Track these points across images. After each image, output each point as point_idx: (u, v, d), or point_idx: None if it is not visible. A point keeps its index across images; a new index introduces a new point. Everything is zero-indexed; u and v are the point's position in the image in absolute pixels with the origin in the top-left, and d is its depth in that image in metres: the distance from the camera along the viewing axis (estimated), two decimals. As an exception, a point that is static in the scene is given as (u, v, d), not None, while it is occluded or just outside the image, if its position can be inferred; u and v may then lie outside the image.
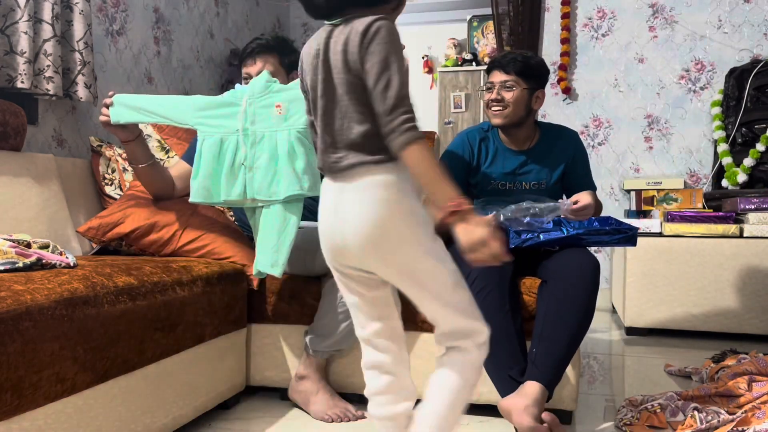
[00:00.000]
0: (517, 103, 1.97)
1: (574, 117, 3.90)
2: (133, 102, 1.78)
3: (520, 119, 1.99)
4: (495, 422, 1.79)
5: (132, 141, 1.84)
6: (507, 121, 1.99)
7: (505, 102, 1.97)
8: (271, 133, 1.73)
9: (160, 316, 1.50)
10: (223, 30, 3.64)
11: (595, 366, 2.47)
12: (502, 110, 1.97)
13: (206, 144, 1.74)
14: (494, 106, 1.98)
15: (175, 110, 1.78)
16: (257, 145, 1.73)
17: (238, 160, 1.73)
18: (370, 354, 1.27)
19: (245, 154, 1.73)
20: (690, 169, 3.74)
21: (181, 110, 1.78)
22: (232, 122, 1.74)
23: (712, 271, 2.94)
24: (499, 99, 1.97)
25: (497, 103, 1.97)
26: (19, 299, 1.13)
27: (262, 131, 1.73)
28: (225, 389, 1.84)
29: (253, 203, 1.76)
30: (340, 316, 1.80)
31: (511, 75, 1.97)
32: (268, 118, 1.74)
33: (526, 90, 1.98)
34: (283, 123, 1.73)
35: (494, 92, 1.98)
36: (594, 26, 3.88)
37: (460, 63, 5.38)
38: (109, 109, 1.78)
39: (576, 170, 2.05)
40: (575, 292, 1.67)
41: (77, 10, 2.29)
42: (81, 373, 1.25)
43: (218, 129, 1.75)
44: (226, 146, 1.74)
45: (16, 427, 1.12)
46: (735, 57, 3.65)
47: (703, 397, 1.86)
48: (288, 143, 1.71)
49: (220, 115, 1.76)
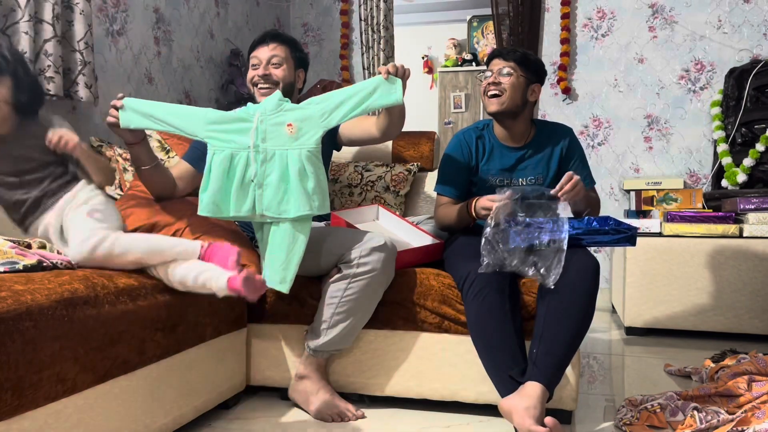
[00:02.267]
0: (514, 88, 1.98)
1: (574, 117, 3.90)
2: (144, 108, 1.77)
3: (516, 108, 2.00)
4: (495, 422, 1.79)
5: (137, 144, 1.84)
6: (503, 108, 1.98)
7: (502, 86, 1.98)
8: (282, 152, 1.73)
9: (161, 317, 1.50)
10: (223, 30, 3.64)
11: (594, 366, 2.47)
12: (499, 96, 1.98)
13: (216, 159, 1.73)
14: (491, 90, 1.99)
15: (186, 121, 1.76)
16: (267, 163, 1.73)
17: (248, 176, 1.73)
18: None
19: (255, 170, 1.72)
20: (690, 169, 3.74)
21: (192, 122, 1.76)
22: (243, 138, 1.74)
23: (711, 271, 2.94)
24: (497, 83, 1.98)
25: (495, 86, 1.98)
26: (19, 299, 1.14)
27: (273, 149, 1.73)
28: (225, 389, 1.84)
29: (262, 219, 1.76)
30: (340, 316, 1.80)
31: (510, 62, 2.00)
32: (280, 136, 1.74)
33: (524, 78, 1.99)
34: (294, 142, 1.73)
35: (492, 77, 2.00)
36: (594, 26, 3.88)
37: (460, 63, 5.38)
38: (118, 111, 1.78)
39: (573, 164, 2.06)
40: (575, 292, 1.67)
41: (78, 11, 2.29)
42: (81, 373, 1.25)
43: (229, 144, 1.74)
44: (236, 162, 1.73)
45: (16, 427, 1.12)
46: (735, 57, 3.65)
47: (703, 397, 1.86)
48: (299, 162, 1.72)
49: (231, 130, 1.75)
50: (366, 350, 1.91)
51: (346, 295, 1.78)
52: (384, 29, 4.12)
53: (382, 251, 1.79)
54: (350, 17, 4.34)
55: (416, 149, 2.68)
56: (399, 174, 2.55)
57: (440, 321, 1.85)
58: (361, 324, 1.85)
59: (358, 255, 1.77)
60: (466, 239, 1.95)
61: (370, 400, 1.93)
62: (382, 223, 2.20)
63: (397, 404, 1.92)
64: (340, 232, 1.89)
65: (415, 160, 2.67)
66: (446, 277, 1.87)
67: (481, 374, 1.75)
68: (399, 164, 2.61)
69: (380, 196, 2.51)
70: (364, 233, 1.86)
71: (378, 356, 1.90)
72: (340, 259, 1.81)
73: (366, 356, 1.91)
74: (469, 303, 1.73)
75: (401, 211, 2.53)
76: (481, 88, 2.04)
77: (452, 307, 1.83)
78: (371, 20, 4.13)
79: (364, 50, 4.15)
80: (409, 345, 1.89)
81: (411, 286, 1.87)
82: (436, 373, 1.87)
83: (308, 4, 4.42)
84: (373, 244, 1.78)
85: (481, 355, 1.71)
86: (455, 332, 1.84)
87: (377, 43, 4.12)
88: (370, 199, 2.52)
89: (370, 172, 2.56)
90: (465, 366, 1.84)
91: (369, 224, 2.18)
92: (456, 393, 1.86)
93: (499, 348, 1.67)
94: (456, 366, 1.85)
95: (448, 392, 1.86)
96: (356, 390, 1.93)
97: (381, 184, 2.53)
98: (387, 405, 1.92)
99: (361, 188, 2.54)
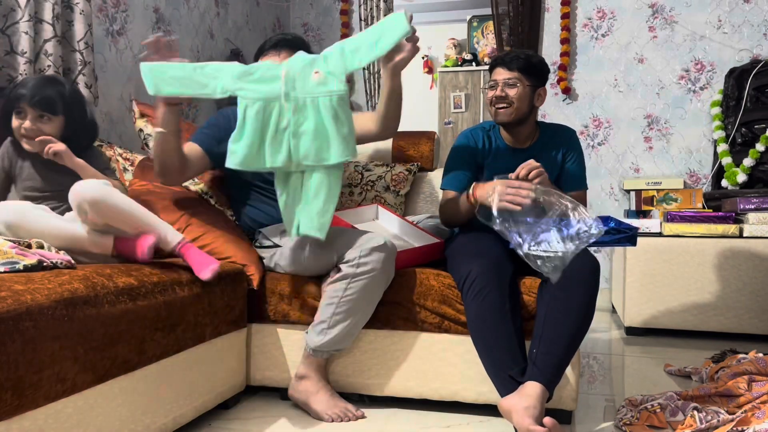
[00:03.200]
0: (521, 99, 1.98)
1: (574, 117, 3.90)
2: (171, 72, 1.74)
3: (523, 116, 2.01)
4: (495, 422, 1.79)
5: (178, 104, 1.81)
6: (512, 118, 2.00)
7: (509, 99, 1.98)
8: (313, 98, 1.73)
9: (161, 317, 1.50)
10: (223, 30, 3.64)
11: (594, 366, 2.47)
12: (506, 107, 1.98)
13: (250, 111, 1.72)
14: (498, 103, 1.99)
15: (214, 79, 1.75)
16: (300, 112, 1.72)
17: (281, 126, 1.73)
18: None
19: (288, 120, 1.72)
20: (690, 169, 3.74)
21: (220, 78, 1.75)
22: (273, 87, 1.73)
23: (712, 271, 2.94)
24: (503, 96, 1.98)
25: (501, 100, 1.98)
26: (19, 299, 1.14)
27: (303, 96, 1.73)
28: (225, 389, 1.84)
29: (298, 168, 1.76)
30: (340, 316, 1.80)
31: (514, 72, 1.98)
32: (308, 83, 1.74)
33: (529, 87, 1.99)
34: (323, 88, 1.73)
35: (498, 89, 1.99)
36: (594, 26, 3.88)
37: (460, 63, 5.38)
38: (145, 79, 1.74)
39: (567, 164, 2.06)
40: (575, 292, 1.67)
41: (78, 11, 2.29)
42: (81, 373, 1.25)
43: (260, 94, 1.73)
44: (269, 112, 1.73)
45: (16, 427, 1.12)
46: (735, 57, 3.65)
47: (703, 397, 1.87)
48: (332, 109, 1.72)
49: (260, 80, 1.74)
50: (366, 350, 1.91)
51: (345, 295, 1.78)
52: (384, 29, 4.12)
53: (382, 251, 1.79)
54: (350, 17, 4.34)
55: (416, 149, 2.68)
56: (399, 174, 2.55)
57: (440, 321, 1.85)
58: (361, 324, 1.85)
59: (358, 255, 1.77)
60: (467, 238, 1.95)
61: (370, 400, 1.93)
62: (382, 223, 2.20)
63: (397, 404, 1.92)
64: (340, 232, 1.89)
65: (415, 160, 2.67)
66: (446, 277, 1.87)
67: (481, 374, 1.75)
68: (399, 164, 2.61)
69: (380, 195, 2.51)
70: (364, 233, 1.86)
71: (378, 356, 1.90)
72: (340, 259, 1.81)
73: (366, 356, 1.91)
74: (469, 303, 1.73)
75: (401, 211, 2.54)
76: (487, 99, 2.04)
77: (452, 307, 1.83)
78: (371, 20, 4.13)
79: (364, 50, 4.15)
80: (409, 345, 1.89)
81: (411, 286, 1.87)
82: (436, 373, 1.87)
83: (308, 4, 4.42)
84: (372, 244, 1.78)
85: (481, 355, 1.71)
86: (455, 332, 1.84)
87: (377, 43, 4.12)
88: (370, 198, 2.52)
89: (370, 172, 2.56)
90: (465, 366, 1.84)
91: (369, 224, 2.18)
92: (456, 393, 1.86)
93: (499, 348, 1.67)
94: (456, 366, 1.85)
95: (448, 392, 1.86)
96: (356, 390, 1.93)
97: (381, 184, 2.53)
98: (387, 405, 1.92)
99: (361, 188, 2.54)
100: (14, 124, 1.70)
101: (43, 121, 1.69)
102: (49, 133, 1.69)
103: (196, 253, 1.64)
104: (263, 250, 2.02)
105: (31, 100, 1.67)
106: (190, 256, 1.63)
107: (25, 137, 1.69)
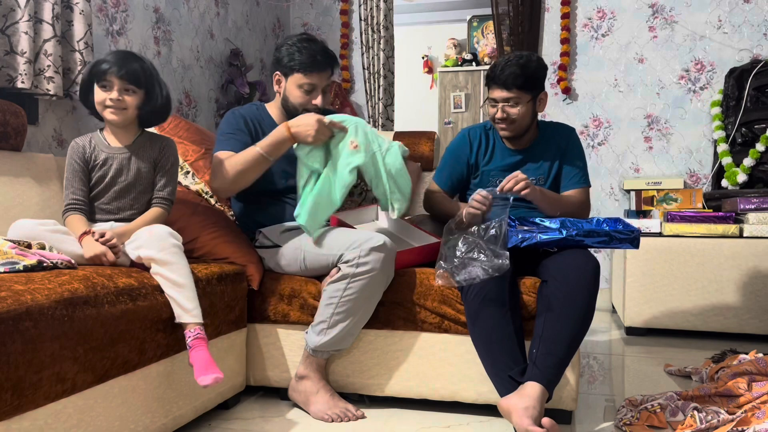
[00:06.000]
0: (523, 117, 2.00)
1: (574, 117, 3.90)
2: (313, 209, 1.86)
3: (527, 127, 2.04)
4: (495, 422, 1.79)
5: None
6: (516, 133, 2.03)
7: (510, 118, 1.98)
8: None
9: (161, 317, 1.50)
10: (223, 30, 3.64)
11: (594, 366, 2.47)
12: (509, 125, 2.01)
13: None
14: (500, 123, 2.01)
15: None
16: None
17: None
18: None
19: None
20: (690, 169, 3.74)
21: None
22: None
23: (712, 271, 2.94)
24: (505, 117, 1.99)
25: (503, 120, 2.00)
26: (19, 299, 1.14)
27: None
28: (225, 389, 1.84)
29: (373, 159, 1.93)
30: (340, 316, 1.80)
31: (513, 92, 1.96)
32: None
33: (530, 101, 1.99)
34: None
35: (498, 110, 1.99)
36: (594, 26, 3.88)
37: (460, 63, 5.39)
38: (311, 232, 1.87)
39: (566, 162, 2.06)
40: (575, 292, 1.67)
41: (77, 10, 2.29)
42: (81, 373, 1.25)
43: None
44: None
45: (16, 427, 1.12)
46: (735, 57, 3.65)
47: (703, 397, 1.86)
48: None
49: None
50: (366, 350, 1.91)
51: (345, 295, 1.78)
52: (384, 29, 4.12)
53: (382, 251, 1.79)
54: (350, 17, 4.34)
55: (416, 149, 2.68)
56: (399, 174, 2.54)
57: (440, 321, 1.85)
58: (361, 324, 1.85)
59: (358, 255, 1.77)
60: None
61: (370, 400, 1.93)
62: (382, 223, 2.20)
63: (397, 404, 1.92)
64: (340, 232, 1.89)
65: (415, 160, 2.67)
66: (446, 277, 1.87)
67: (481, 374, 1.75)
68: (399, 164, 2.60)
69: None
70: (363, 233, 1.86)
71: (378, 356, 1.90)
72: (339, 259, 1.81)
73: (366, 356, 1.91)
74: (469, 303, 1.73)
75: (401, 211, 2.53)
76: (489, 116, 2.05)
77: (452, 307, 1.83)
78: (371, 20, 4.13)
79: (364, 50, 4.15)
80: (409, 345, 1.89)
81: (411, 286, 1.87)
82: (436, 373, 1.87)
83: (308, 4, 4.41)
84: (372, 244, 1.78)
85: (481, 355, 1.71)
86: (455, 332, 1.84)
87: (377, 43, 4.12)
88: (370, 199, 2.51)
89: (370, 172, 2.55)
90: (465, 366, 1.84)
91: (369, 224, 2.18)
92: (456, 393, 1.86)
93: (499, 348, 1.67)
94: (456, 366, 1.85)
95: (448, 392, 1.86)
96: (356, 390, 1.93)
97: (381, 184, 2.52)
98: (387, 405, 1.92)
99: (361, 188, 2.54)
100: (98, 97, 1.70)
101: (129, 93, 1.71)
102: (131, 105, 1.71)
103: (204, 356, 1.52)
104: (263, 251, 2.02)
105: (119, 72, 1.68)
106: (196, 356, 1.51)
107: (110, 107, 1.70)
